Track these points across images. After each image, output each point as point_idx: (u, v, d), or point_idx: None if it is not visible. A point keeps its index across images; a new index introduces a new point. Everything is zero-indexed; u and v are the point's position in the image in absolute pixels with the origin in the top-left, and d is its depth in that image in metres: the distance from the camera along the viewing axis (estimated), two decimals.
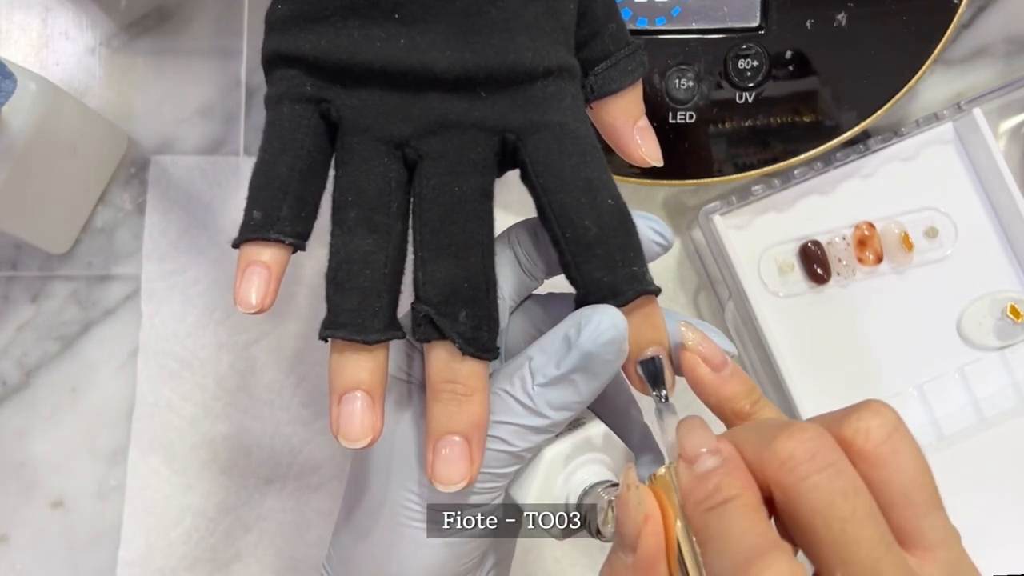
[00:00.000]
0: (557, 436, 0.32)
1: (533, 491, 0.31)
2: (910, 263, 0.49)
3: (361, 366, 0.30)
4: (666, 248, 0.33)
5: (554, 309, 0.34)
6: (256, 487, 0.49)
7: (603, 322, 0.29)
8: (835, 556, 0.23)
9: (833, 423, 0.26)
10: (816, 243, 0.48)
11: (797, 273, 0.49)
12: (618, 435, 0.33)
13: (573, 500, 0.31)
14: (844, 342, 0.49)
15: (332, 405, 0.30)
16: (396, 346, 0.33)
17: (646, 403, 0.33)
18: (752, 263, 0.49)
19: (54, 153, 0.46)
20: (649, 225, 0.32)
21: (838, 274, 0.48)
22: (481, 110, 0.31)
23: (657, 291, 0.31)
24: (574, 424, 0.32)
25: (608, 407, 0.34)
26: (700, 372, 0.30)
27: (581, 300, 0.31)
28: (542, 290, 0.35)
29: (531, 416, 0.30)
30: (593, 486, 0.31)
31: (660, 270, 0.51)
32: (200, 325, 0.50)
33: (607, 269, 0.30)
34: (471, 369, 0.30)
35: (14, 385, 0.50)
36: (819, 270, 0.48)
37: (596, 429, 0.32)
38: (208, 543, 0.49)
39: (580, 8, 0.32)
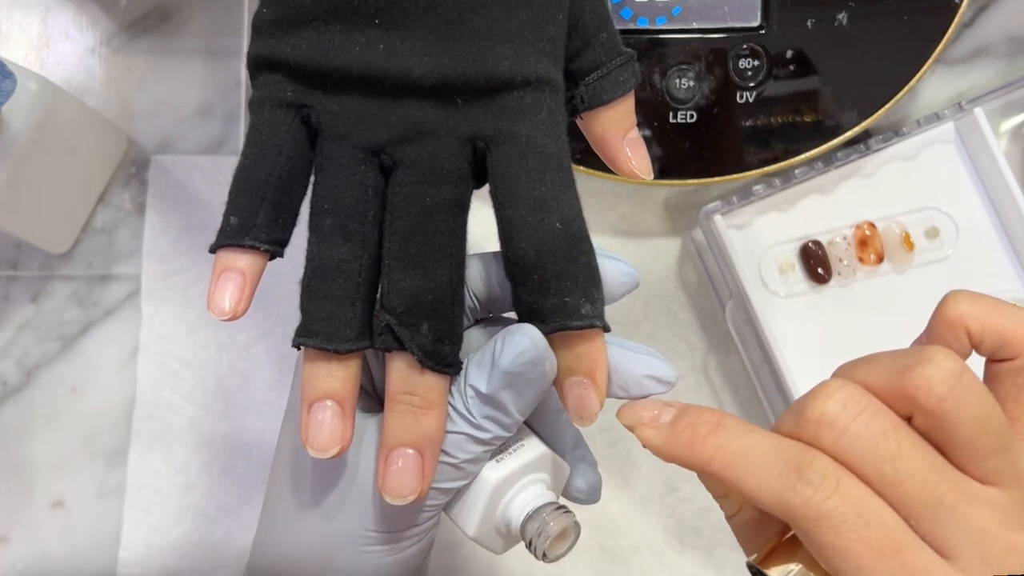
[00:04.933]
0: (499, 460, 0.32)
1: (476, 518, 0.31)
2: (911, 263, 0.49)
3: (332, 375, 0.30)
4: (632, 287, 0.32)
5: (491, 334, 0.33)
6: (256, 487, 0.49)
7: (522, 342, 0.29)
8: (895, 498, 0.23)
9: (895, 375, 0.25)
10: (817, 243, 0.48)
11: (798, 273, 0.49)
12: (549, 442, 0.33)
13: (516, 524, 0.31)
14: (845, 342, 0.49)
15: (302, 414, 0.30)
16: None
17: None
18: (753, 263, 0.49)
19: (54, 153, 0.46)
20: (616, 268, 0.31)
21: (839, 274, 0.48)
22: (456, 118, 0.30)
23: (588, 325, 0.29)
24: (514, 446, 0.32)
25: (538, 413, 0.34)
26: (658, 442, 0.28)
27: (518, 318, 0.31)
28: None
29: (472, 428, 0.30)
30: (537, 510, 0.31)
31: (661, 270, 0.51)
32: (200, 325, 0.50)
33: (538, 295, 0.30)
34: (430, 383, 0.30)
35: (14, 385, 0.50)
36: (820, 270, 0.48)
37: (535, 450, 0.32)
38: (208, 543, 0.49)
39: (571, 19, 0.32)
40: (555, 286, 0.29)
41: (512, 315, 0.33)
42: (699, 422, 0.26)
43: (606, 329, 0.30)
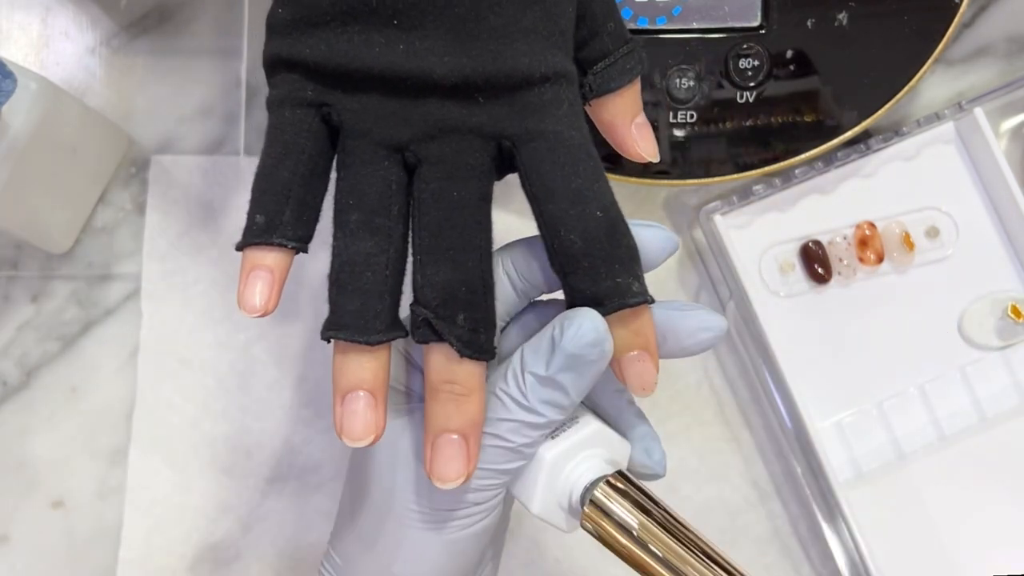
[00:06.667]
0: (555, 436, 0.32)
1: (538, 494, 0.32)
2: (911, 263, 0.49)
3: (364, 366, 0.31)
4: (672, 251, 0.33)
5: (547, 315, 0.34)
6: (256, 487, 0.49)
7: (584, 325, 0.30)
8: None
9: None
10: (817, 243, 0.48)
11: (798, 273, 0.49)
12: (610, 421, 0.34)
13: (576, 497, 0.32)
14: (845, 342, 0.49)
15: (336, 404, 0.31)
16: (395, 360, 0.33)
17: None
18: (753, 263, 0.49)
19: (54, 153, 0.46)
20: (654, 235, 0.33)
21: (839, 274, 0.48)
22: (479, 116, 0.31)
23: (642, 301, 0.31)
24: (570, 423, 0.33)
25: (598, 394, 0.35)
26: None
27: (569, 305, 0.32)
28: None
29: (527, 413, 0.31)
30: (594, 482, 0.32)
31: (661, 269, 0.51)
32: (200, 325, 0.50)
33: (590, 280, 0.31)
34: (469, 370, 0.30)
35: (14, 385, 0.50)
36: (820, 270, 0.48)
37: (591, 426, 0.33)
38: (208, 543, 0.49)
39: (579, 9, 0.32)
40: (605, 270, 0.31)
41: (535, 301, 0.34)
42: None
43: (651, 301, 0.31)
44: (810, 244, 0.48)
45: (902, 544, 0.47)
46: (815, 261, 0.48)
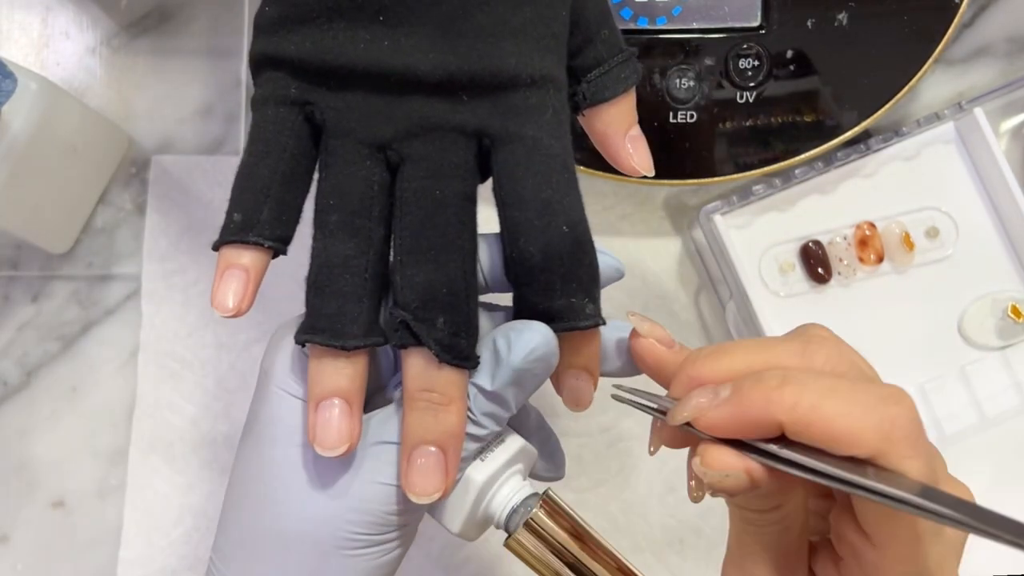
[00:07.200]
0: (482, 459, 0.32)
1: (462, 517, 0.31)
2: (911, 263, 0.49)
3: (340, 372, 0.30)
4: (616, 279, 0.33)
5: (495, 320, 0.34)
6: None
7: (534, 339, 0.29)
8: None
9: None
10: (817, 243, 0.48)
11: (798, 273, 0.49)
12: (516, 426, 0.34)
13: (499, 518, 0.32)
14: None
15: (309, 412, 0.30)
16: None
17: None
18: (753, 263, 0.49)
19: (54, 153, 0.46)
20: (604, 262, 0.32)
21: (839, 274, 0.48)
22: (463, 113, 0.30)
23: (593, 324, 0.30)
24: (495, 442, 0.32)
25: None
26: (659, 352, 0.30)
27: (517, 315, 0.31)
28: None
29: (472, 426, 0.30)
30: (523, 503, 0.31)
31: (661, 270, 0.51)
32: (200, 325, 0.50)
33: (544, 296, 0.30)
34: (448, 377, 0.29)
35: (14, 385, 0.50)
36: (820, 270, 0.48)
37: (515, 444, 0.32)
38: (209, 543, 0.49)
39: (573, 15, 0.32)
40: (561, 288, 0.30)
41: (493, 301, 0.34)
42: (765, 378, 0.25)
43: (603, 324, 0.31)
44: (810, 244, 0.48)
45: None
46: (815, 261, 0.48)
